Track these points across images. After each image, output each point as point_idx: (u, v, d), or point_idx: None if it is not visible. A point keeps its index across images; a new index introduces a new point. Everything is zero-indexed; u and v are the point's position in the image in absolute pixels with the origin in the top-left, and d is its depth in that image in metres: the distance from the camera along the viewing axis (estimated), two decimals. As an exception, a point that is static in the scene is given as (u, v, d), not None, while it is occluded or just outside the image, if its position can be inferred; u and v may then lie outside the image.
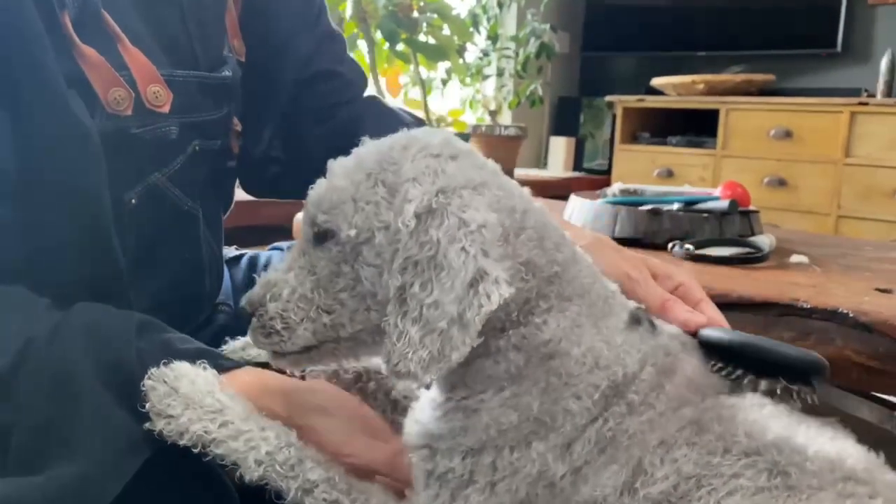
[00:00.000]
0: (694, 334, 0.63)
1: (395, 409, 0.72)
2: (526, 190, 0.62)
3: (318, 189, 0.61)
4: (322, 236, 0.60)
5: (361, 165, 0.59)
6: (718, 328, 0.65)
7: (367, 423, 0.65)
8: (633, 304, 0.62)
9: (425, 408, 0.61)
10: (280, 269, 0.63)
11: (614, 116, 3.72)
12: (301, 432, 0.60)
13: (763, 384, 0.58)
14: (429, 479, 0.57)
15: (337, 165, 0.61)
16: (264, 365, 0.70)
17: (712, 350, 0.61)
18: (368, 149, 0.61)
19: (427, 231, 0.54)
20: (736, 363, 0.60)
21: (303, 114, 0.95)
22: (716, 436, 0.52)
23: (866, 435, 0.55)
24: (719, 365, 0.60)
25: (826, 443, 0.52)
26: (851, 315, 0.95)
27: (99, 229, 0.67)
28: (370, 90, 1.04)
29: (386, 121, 0.65)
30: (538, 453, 0.54)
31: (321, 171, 0.61)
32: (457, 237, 0.54)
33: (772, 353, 0.59)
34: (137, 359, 0.61)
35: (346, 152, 0.62)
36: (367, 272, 0.58)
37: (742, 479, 0.49)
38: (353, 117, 0.95)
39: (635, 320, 0.60)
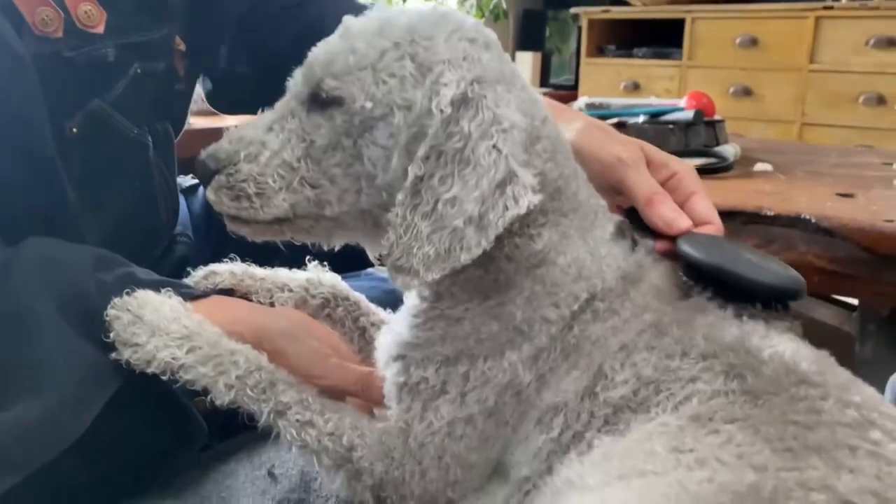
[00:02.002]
0: (674, 238, 0.60)
1: (362, 336, 0.71)
2: (540, 97, 0.59)
3: (329, 48, 0.56)
4: (325, 102, 0.55)
5: (387, 32, 0.55)
6: (698, 239, 0.60)
7: (336, 348, 0.64)
8: (618, 217, 0.61)
9: (403, 318, 0.60)
10: (256, 126, 0.58)
11: (580, 29, 3.64)
12: (271, 357, 0.59)
13: (731, 309, 0.55)
14: (401, 391, 0.57)
15: (355, 25, 0.56)
16: (229, 292, 0.69)
17: (688, 265, 0.58)
18: (393, 15, 0.56)
19: (458, 121, 0.51)
20: (708, 283, 0.57)
21: (262, 21, 0.89)
22: (674, 339, 0.52)
23: (826, 335, 0.56)
24: (691, 283, 0.58)
25: (780, 344, 0.52)
26: (814, 221, 0.96)
27: (41, 160, 0.64)
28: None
29: (355, 13, 0.60)
30: (510, 363, 0.55)
31: None
32: (489, 133, 0.51)
33: (742, 279, 0.55)
34: (98, 290, 0.59)
35: None
36: (373, 152, 0.54)
37: (699, 382, 0.50)
38: (317, 16, 0.87)
39: (620, 233, 0.59)
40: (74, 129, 0.68)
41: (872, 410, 0.47)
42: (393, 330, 0.61)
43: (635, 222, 0.63)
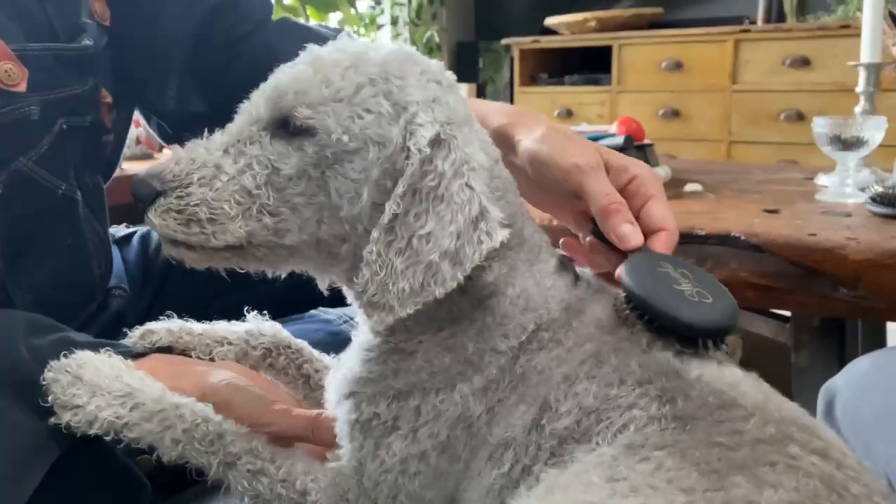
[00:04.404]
0: (625, 254, 0.60)
1: (307, 383, 0.71)
2: (488, 137, 0.61)
3: (299, 75, 0.55)
4: (294, 131, 0.54)
5: (361, 68, 0.55)
6: (640, 263, 0.59)
7: (280, 396, 0.64)
8: (559, 251, 0.63)
9: (355, 354, 0.60)
10: (209, 148, 0.56)
11: (512, 59, 3.73)
12: (216, 409, 0.58)
13: (658, 344, 0.55)
14: (353, 429, 0.57)
15: (325, 56, 0.56)
16: (168, 350, 0.68)
17: (626, 293, 0.57)
18: (362, 50, 0.57)
19: (432, 160, 0.52)
20: (641, 314, 0.56)
21: (210, 58, 0.87)
22: (612, 367, 0.53)
23: (764, 347, 0.57)
24: (627, 310, 0.57)
25: (705, 366, 0.53)
26: (743, 238, 1.00)
27: None
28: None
29: (303, 41, 0.59)
30: (461, 395, 0.55)
31: None
32: (461, 172, 0.53)
33: (666, 317, 0.55)
34: (32, 356, 0.57)
35: None
36: (342, 184, 0.54)
37: (635, 409, 0.50)
38: (265, 45, 0.86)
39: (563, 266, 0.61)
40: None
41: (791, 425, 0.49)
42: (344, 367, 0.60)
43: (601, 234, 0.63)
